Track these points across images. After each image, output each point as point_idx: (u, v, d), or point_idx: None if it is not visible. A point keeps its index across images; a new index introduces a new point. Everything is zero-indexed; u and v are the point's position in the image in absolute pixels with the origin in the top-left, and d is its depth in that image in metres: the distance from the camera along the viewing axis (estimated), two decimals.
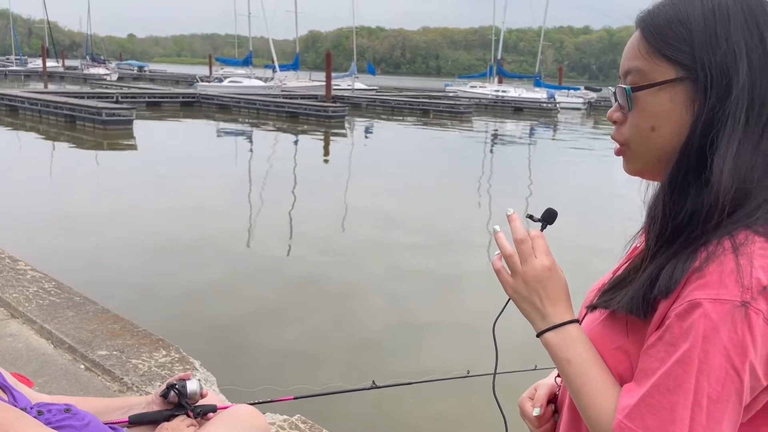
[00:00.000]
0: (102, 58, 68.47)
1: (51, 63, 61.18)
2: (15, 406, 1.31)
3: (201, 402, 1.70)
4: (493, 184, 14.66)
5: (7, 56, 79.56)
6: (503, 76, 52.48)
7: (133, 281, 6.66)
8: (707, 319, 0.79)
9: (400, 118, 32.66)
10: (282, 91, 38.59)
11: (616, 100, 0.93)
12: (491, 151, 22.32)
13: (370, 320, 5.91)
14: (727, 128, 0.83)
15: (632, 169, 0.95)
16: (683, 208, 0.85)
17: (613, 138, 0.95)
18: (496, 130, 29.92)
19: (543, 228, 1.00)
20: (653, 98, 0.88)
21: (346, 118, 28.63)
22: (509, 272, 0.98)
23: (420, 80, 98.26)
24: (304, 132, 24.26)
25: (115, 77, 53.69)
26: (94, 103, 22.27)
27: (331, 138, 23.36)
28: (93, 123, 20.68)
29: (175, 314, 5.81)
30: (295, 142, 21.98)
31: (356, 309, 6.22)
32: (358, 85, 47.77)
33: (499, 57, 52.86)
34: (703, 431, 0.79)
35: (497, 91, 45.39)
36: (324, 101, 32.85)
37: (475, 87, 49.14)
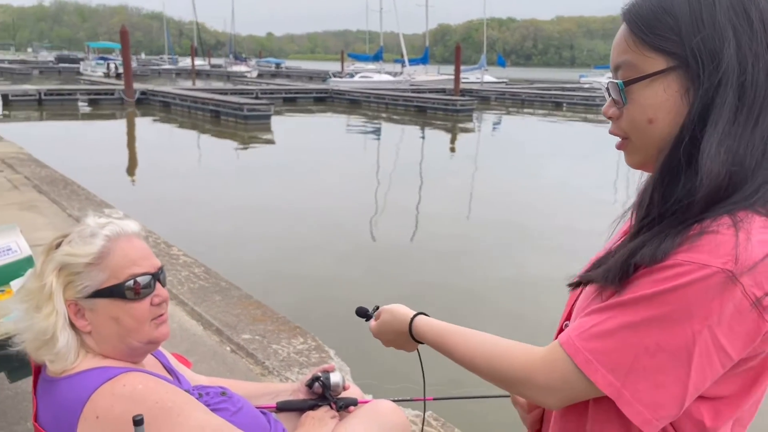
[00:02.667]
0: (243, 56, 72.86)
1: (198, 61, 66.01)
2: (180, 388, 1.41)
3: (343, 394, 1.75)
4: (630, 181, 13.85)
5: (161, 56, 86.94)
6: None
7: (268, 268, 7.02)
8: (683, 277, 0.79)
9: (531, 111, 31.78)
10: (411, 85, 38.96)
11: (609, 95, 0.93)
12: None
13: (500, 323, 5.81)
14: (714, 112, 0.82)
15: (634, 162, 0.95)
16: (673, 196, 0.85)
17: (611, 133, 0.96)
18: None
19: (367, 320, 1.32)
20: (647, 90, 0.87)
21: (475, 111, 28.33)
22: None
23: (552, 71, 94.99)
24: (431, 126, 24.33)
25: (255, 74, 56.85)
26: (236, 99, 23.75)
27: (459, 132, 23.23)
28: (235, 118, 22.07)
29: (306, 302, 6.05)
30: (422, 137, 22.10)
31: (490, 309, 6.14)
32: (487, 77, 47.10)
33: None
34: (643, 373, 0.81)
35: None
36: (452, 95, 32.77)
37: None
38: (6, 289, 2.24)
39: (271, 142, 19.42)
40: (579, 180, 13.50)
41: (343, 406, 1.71)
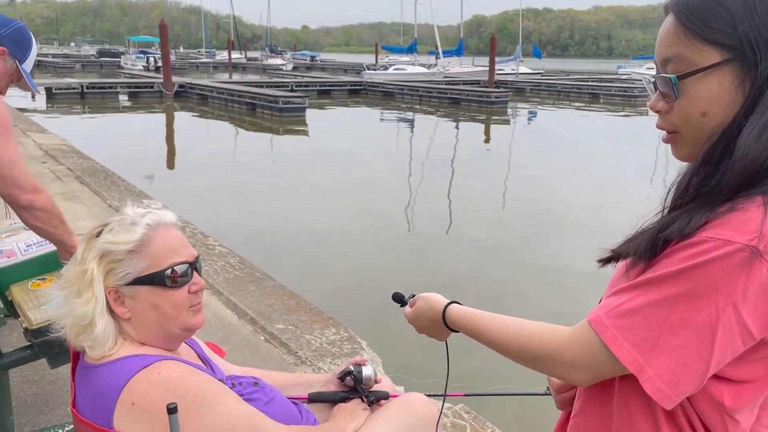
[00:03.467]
0: (279, 49, 73.43)
1: (235, 55, 66.76)
2: (214, 377, 1.43)
3: (375, 388, 1.74)
4: (668, 174, 13.54)
5: (199, 49, 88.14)
6: None
7: (302, 259, 7.07)
8: (709, 253, 0.79)
9: (567, 102, 31.28)
10: (445, 77, 38.71)
11: (656, 89, 0.92)
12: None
13: (535, 314, 5.74)
14: (765, 99, 0.82)
15: (683, 155, 0.93)
16: (710, 181, 0.85)
17: (659, 127, 0.94)
18: None
19: (403, 306, 1.36)
20: (701, 84, 0.85)
21: (509, 103, 28.02)
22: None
23: (589, 62, 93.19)
24: (465, 118, 24.15)
25: (290, 67, 57.20)
26: (271, 92, 23.94)
27: (493, 124, 23.01)
28: (271, 110, 22.26)
29: (339, 293, 6.08)
30: (456, 129, 21.96)
31: (524, 300, 6.09)
32: (523, 69, 46.55)
33: None
34: (666, 350, 0.81)
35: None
36: (487, 87, 32.46)
37: (652, 68, 45.64)
38: (47, 277, 2.30)
39: (305, 134, 19.54)
40: (616, 173, 13.25)
41: (375, 401, 1.71)
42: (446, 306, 1.19)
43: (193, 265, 1.41)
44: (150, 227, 1.37)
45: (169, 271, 1.35)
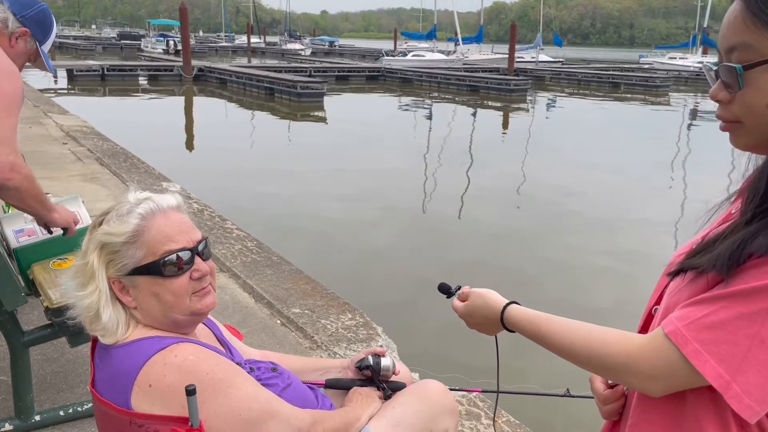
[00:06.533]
0: (298, 34, 73.24)
1: (254, 39, 66.66)
2: (232, 360, 1.43)
3: (393, 378, 1.73)
4: (687, 168, 13.35)
5: (218, 33, 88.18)
6: (709, 46, 47.29)
7: (318, 244, 7.09)
8: None
9: (587, 91, 30.91)
10: (464, 64, 38.39)
11: (717, 78, 0.88)
12: (689, 129, 20.32)
13: (549, 305, 5.70)
14: None
15: (743, 144, 0.89)
16: None
17: (719, 117, 0.90)
18: (697, 105, 27.10)
19: (449, 297, 1.35)
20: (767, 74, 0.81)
21: (529, 91, 27.74)
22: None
23: (611, 51, 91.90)
24: (483, 106, 23.96)
25: (308, 52, 57.09)
26: (290, 77, 23.92)
27: (511, 112, 22.81)
28: (289, 96, 22.26)
29: (355, 279, 6.09)
30: (474, 117, 21.80)
31: (538, 290, 6.04)
32: (543, 57, 46.05)
33: (705, 25, 47.69)
34: (756, 366, 0.79)
35: (701, 62, 41.15)
36: (506, 74, 32.16)
37: (675, 58, 45.05)
38: (68, 256, 2.32)
39: (323, 119, 19.52)
40: (633, 165, 13.09)
41: (392, 393, 1.69)
42: (505, 306, 1.17)
43: (195, 251, 1.36)
44: (143, 217, 1.33)
45: (166, 259, 1.32)
